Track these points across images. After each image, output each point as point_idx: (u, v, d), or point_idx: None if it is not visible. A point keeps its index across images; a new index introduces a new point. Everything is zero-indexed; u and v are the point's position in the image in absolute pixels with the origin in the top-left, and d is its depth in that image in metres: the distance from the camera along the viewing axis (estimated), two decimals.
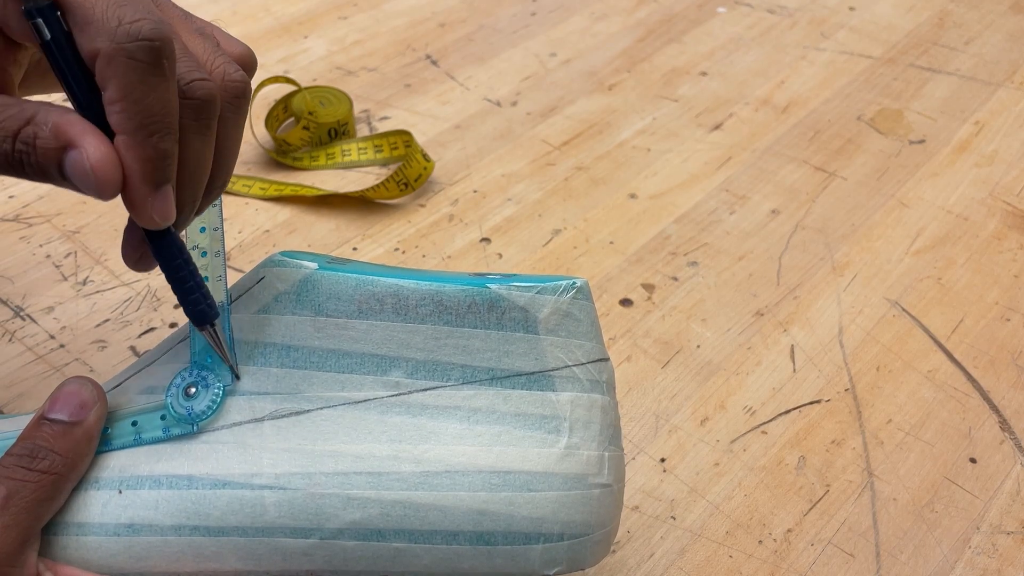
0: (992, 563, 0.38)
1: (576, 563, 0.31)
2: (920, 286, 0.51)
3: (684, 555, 0.38)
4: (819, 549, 0.39)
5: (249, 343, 0.31)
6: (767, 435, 0.43)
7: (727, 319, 0.49)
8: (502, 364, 0.31)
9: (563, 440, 0.30)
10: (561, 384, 0.31)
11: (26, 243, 0.53)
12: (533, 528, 0.29)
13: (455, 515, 0.29)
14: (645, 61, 0.71)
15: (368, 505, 0.29)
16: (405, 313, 0.30)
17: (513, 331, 0.30)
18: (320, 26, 0.75)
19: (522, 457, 0.30)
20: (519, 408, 0.30)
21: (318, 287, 0.30)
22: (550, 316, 0.31)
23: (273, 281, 0.31)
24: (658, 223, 0.55)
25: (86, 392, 0.30)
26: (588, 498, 0.30)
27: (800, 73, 0.70)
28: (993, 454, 0.43)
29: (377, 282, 0.30)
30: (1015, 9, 0.79)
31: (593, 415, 0.31)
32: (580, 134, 0.63)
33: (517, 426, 0.30)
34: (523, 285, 0.31)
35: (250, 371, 0.31)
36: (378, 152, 0.59)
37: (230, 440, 0.30)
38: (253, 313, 0.31)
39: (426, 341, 0.30)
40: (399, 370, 0.30)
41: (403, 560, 0.30)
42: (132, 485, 0.29)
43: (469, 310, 0.30)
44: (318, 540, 0.29)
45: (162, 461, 0.30)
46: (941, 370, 0.47)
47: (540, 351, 0.31)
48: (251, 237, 0.54)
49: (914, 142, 0.63)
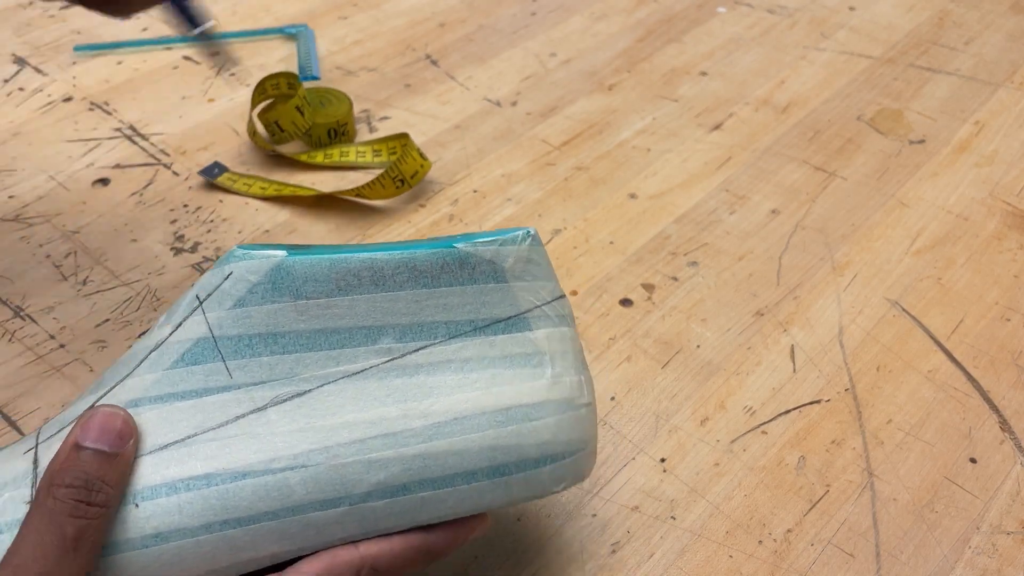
0: (992, 563, 0.38)
1: (578, 476, 0.34)
2: (920, 286, 0.51)
3: (684, 555, 0.38)
4: (819, 549, 0.39)
5: (232, 338, 0.31)
6: (767, 435, 0.43)
7: (727, 319, 0.49)
8: (481, 314, 0.33)
9: (548, 371, 0.33)
10: (535, 323, 0.33)
11: (26, 243, 0.53)
12: (540, 452, 0.32)
13: (470, 456, 0.31)
14: (645, 61, 0.71)
15: (389, 464, 0.31)
16: (383, 283, 0.32)
17: (485, 283, 0.33)
18: (320, 26, 0.75)
19: (517, 393, 0.32)
20: (504, 351, 0.33)
21: (292, 272, 0.31)
22: (515, 264, 0.33)
23: (243, 274, 0.31)
24: (658, 223, 0.55)
25: (121, 422, 0.29)
26: (578, 417, 0.33)
27: (800, 73, 0.70)
28: (993, 454, 0.43)
29: (351, 258, 0.31)
30: (1015, 9, 0.79)
31: (566, 345, 0.34)
32: (580, 134, 0.63)
33: (506, 367, 0.33)
34: (486, 240, 0.33)
35: (240, 364, 0.31)
36: (376, 156, 0.59)
37: (238, 433, 0.30)
38: (229, 309, 0.31)
39: (408, 306, 0.32)
40: (388, 337, 0.32)
41: (429, 508, 0.31)
42: (147, 496, 0.29)
43: (443, 270, 0.32)
44: (348, 507, 0.30)
45: (172, 467, 0.30)
46: (941, 370, 0.47)
47: (512, 297, 0.33)
48: (251, 237, 0.54)
49: (914, 142, 0.63)
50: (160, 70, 0.69)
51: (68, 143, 0.61)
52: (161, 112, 0.64)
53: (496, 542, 0.39)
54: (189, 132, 0.62)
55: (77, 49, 0.70)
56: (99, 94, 0.66)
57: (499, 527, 0.39)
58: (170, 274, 0.51)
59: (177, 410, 0.31)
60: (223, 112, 0.64)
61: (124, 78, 0.68)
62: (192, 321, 0.31)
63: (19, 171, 0.58)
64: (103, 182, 0.57)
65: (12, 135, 0.61)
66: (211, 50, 0.37)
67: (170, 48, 0.72)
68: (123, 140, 0.61)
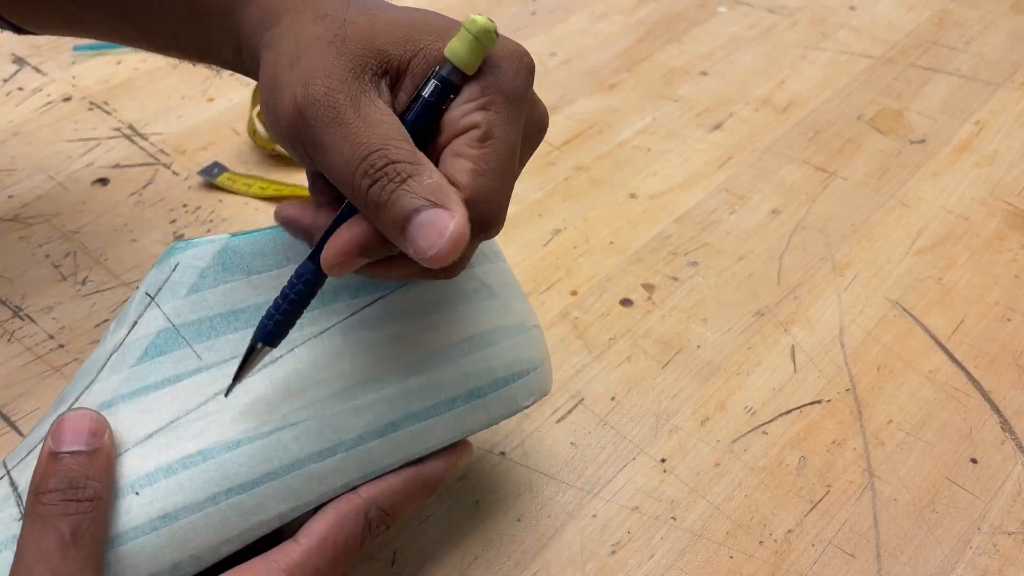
0: (993, 563, 0.38)
1: (543, 389, 0.37)
2: (921, 286, 0.51)
3: (684, 556, 0.38)
4: (820, 549, 0.39)
5: (193, 323, 0.32)
6: (767, 435, 0.43)
7: (727, 319, 0.49)
8: None
9: (497, 301, 0.35)
10: (474, 262, 0.35)
11: (25, 243, 0.53)
12: (507, 371, 0.35)
13: (448, 384, 0.33)
14: (645, 61, 0.71)
15: (374, 405, 0.32)
16: None
17: None
18: None
19: (476, 323, 0.34)
20: (453, 290, 0.35)
21: (240, 251, 0.32)
22: None
23: (190, 262, 0.32)
24: (658, 223, 0.55)
25: (90, 420, 0.30)
26: (532, 337, 0.36)
27: (800, 73, 0.70)
28: (994, 454, 0.43)
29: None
30: (1015, 9, 0.79)
31: (506, 278, 0.36)
32: (580, 134, 0.63)
33: (459, 303, 0.35)
34: None
35: (207, 345, 0.32)
36: None
37: (220, 408, 0.31)
38: (184, 297, 0.32)
39: None
40: (343, 296, 0.33)
41: (420, 440, 0.33)
42: (145, 483, 0.30)
43: None
44: (344, 453, 0.31)
45: (163, 452, 0.30)
46: (942, 370, 0.46)
47: None
48: None
49: (914, 142, 0.63)
50: (160, 70, 0.69)
51: (67, 143, 0.61)
52: (161, 112, 0.64)
53: (496, 542, 0.39)
54: (189, 132, 0.62)
55: (77, 49, 0.70)
56: (99, 94, 0.66)
57: (499, 527, 0.39)
58: None
59: (153, 400, 0.31)
60: (223, 112, 0.64)
61: (124, 78, 0.68)
62: (147, 317, 0.32)
63: (19, 171, 0.58)
64: (103, 182, 0.57)
65: (12, 135, 0.61)
66: None
67: None
68: (123, 140, 0.61)
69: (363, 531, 0.31)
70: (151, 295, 0.32)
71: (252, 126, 0.60)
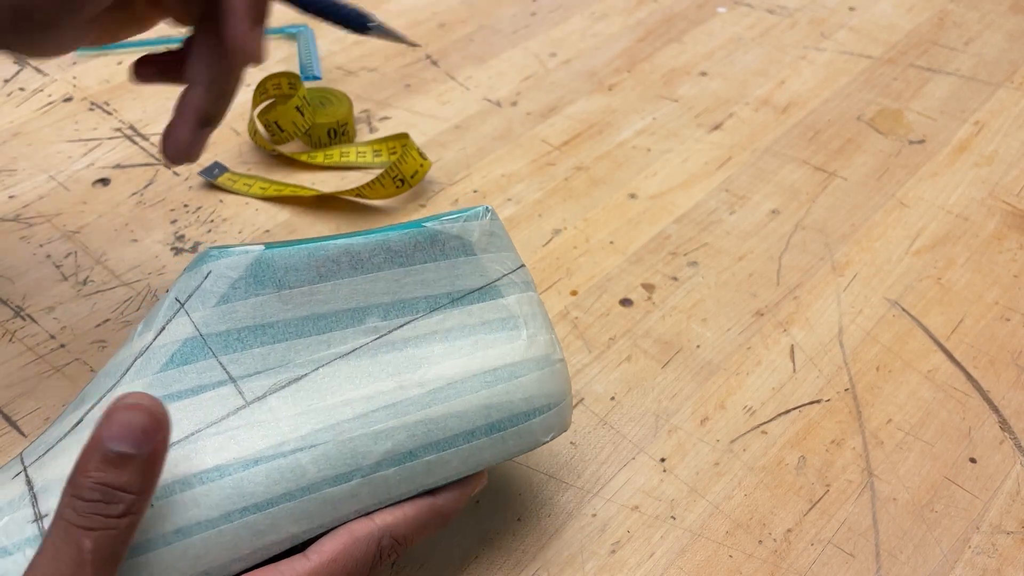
0: (992, 563, 0.38)
1: (562, 426, 0.36)
2: (920, 286, 0.51)
3: (684, 555, 0.38)
4: (819, 549, 0.39)
5: (221, 334, 0.32)
6: (767, 435, 0.43)
7: (727, 319, 0.49)
8: (456, 287, 0.35)
9: (524, 332, 0.35)
10: (505, 290, 0.35)
11: (26, 243, 0.53)
12: (528, 406, 0.34)
13: (468, 416, 0.33)
14: (645, 61, 0.71)
15: (394, 433, 0.32)
16: (361, 266, 0.33)
17: (457, 257, 0.35)
18: (320, 26, 0.75)
19: (501, 354, 0.34)
20: (482, 318, 0.35)
21: (273, 264, 0.32)
22: (480, 237, 0.35)
23: (223, 271, 0.32)
24: (658, 223, 0.55)
25: (147, 416, 0.27)
26: (555, 372, 0.35)
27: (800, 73, 0.70)
28: (993, 454, 0.43)
29: (328, 246, 0.33)
30: (1015, 9, 0.79)
31: (535, 308, 0.36)
32: (580, 134, 0.63)
33: (486, 332, 0.35)
34: (451, 218, 0.35)
35: (233, 358, 0.32)
36: (376, 156, 0.59)
37: (241, 423, 0.31)
38: (214, 306, 0.32)
39: (388, 285, 0.34)
40: (373, 316, 0.33)
41: (436, 470, 0.33)
42: (161, 495, 0.29)
43: (416, 249, 0.34)
44: (360, 479, 0.31)
45: (180, 464, 0.30)
46: (941, 370, 0.47)
47: (482, 268, 0.35)
48: (251, 237, 0.54)
49: (914, 142, 0.63)
50: None
51: (68, 143, 0.61)
52: (161, 112, 0.64)
53: (496, 542, 0.39)
54: None
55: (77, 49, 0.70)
56: (99, 94, 0.66)
57: (499, 527, 0.39)
58: (170, 274, 0.51)
59: (175, 410, 0.31)
60: None
61: (124, 78, 0.68)
62: (175, 324, 0.32)
63: (19, 171, 0.58)
64: (103, 182, 0.57)
65: (12, 135, 0.61)
66: (389, 39, 0.42)
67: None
68: (123, 140, 0.61)
69: (373, 558, 0.31)
70: (180, 301, 0.32)
71: (252, 126, 0.60)
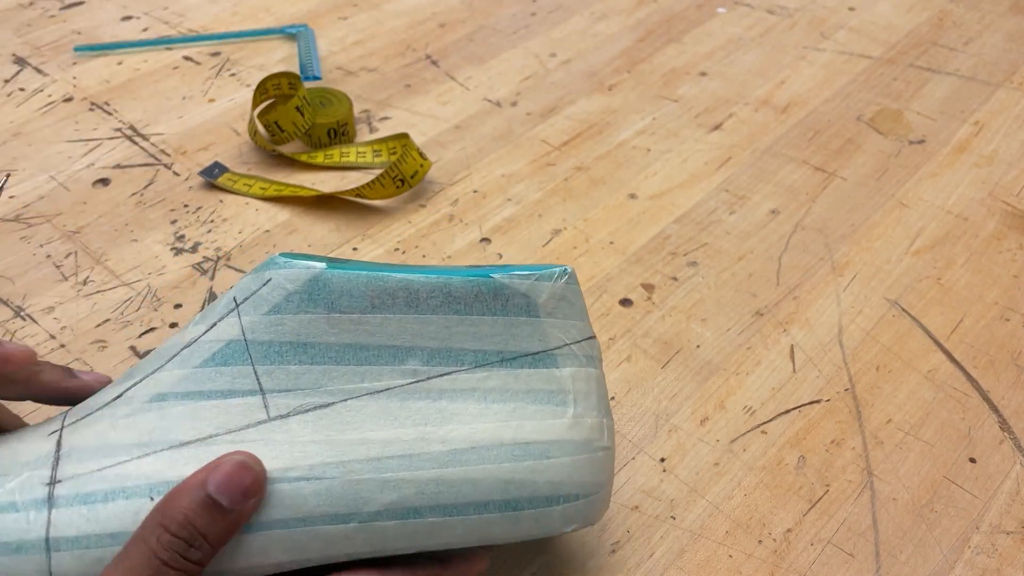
0: (992, 563, 0.38)
1: (589, 519, 0.33)
2: (920, 286, 0.51)
3: (684, 555, 0.38)
4: (819, 549, 0.39)
5: (264, 343, 0.31)
6: (767, 435, 0.43)
7: (727, 319, 0.49)
8: (509, 347, 0.33)
9: (570, 411, 0.33)
10: (562, 361, 0.33)
11: (26, 243, 0.53)
12: (553, 491, 0.32)
13: (484, 487, 0.31)
14: (645, 61, 0.71)
15: (403, 486, 0.31)
16: (416, 305, 0.32)
17: (517, 316, 0.33)
18: (320, 26, 0.75)
19: (537, 429, 0.32)
20: (529, 385, 0.33)
21: (329, 285, 0.31)
22: (548, 300, 0.33)
23: (281, 282, 0.31)
24: (658, 223, 0.55)
25: (251, 479, 0.29)
26: (595, 460, 0.33)
27: (800, 73, 0.70)
28: (993, 454, 0.43)
29: (388, 278, 0.31)
30: (1015, 9, 0.79)
31: (591, 387, 0.34)
32: (580, 134, 0.63)
33: (529, 401, 0.32)
34: (522, 274, 0.33)
35: (268, 370, 0.31)
36: (376, 156, 0.59)
37: (258, 438, 0.31)
38: (264, 314, 0.31)
39: (438, 330, 0.32)
40: (415, 359, 0.32)
41: (438, 534, 0.31)
42: (162, 491, 0.29)
43: (476, 299, 0.32)
44: (358, 524, 0.30)
45: (191, 464, 0.30)
46: (941, 370, 0.47)
47: (543, 332, 0.33)
48: (251, 237, 0.54)
49: (914, 142, 0.63)
50: (160, 70, 0.69)
51: (68, 143, 0.61)
52: (161, 112, 0.64)
53: None
54: (189, 132, 0.62)
55: (77, 49, 0.70)
56: (99, 94, 0.66)
57: None
58: (170, 274, 0.51)
59: (202, 408, 0.31)
60: (223, 112, 0.64)
61: (124, 78, 0.68)
62: (226, 322, 0.31)
63: (20, 171, 0.58)
64: (103, 182, 0.57)
65: (12, 135, 0.61)
66: None
67: (170, 48, 0.72)
68: (123, 140, 0.61)
69: None
70: (237, 302, 0.32)
71: (253, 126, 0.60)
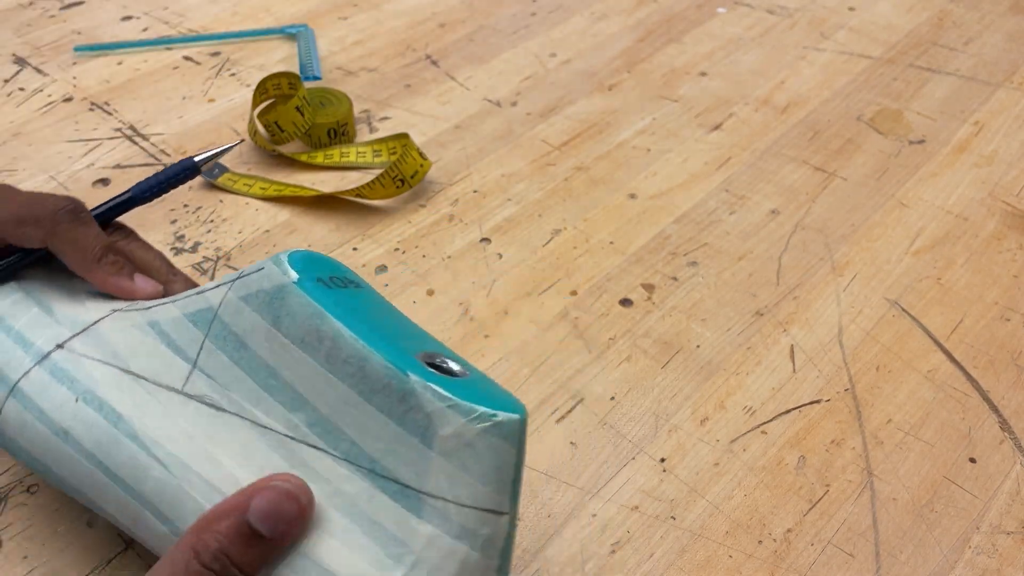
0: (992, 563, 0.38)
1: None
2: (920, 286, 0.51)
3: (684, 555, 0.38)
4: (819, 549, 0.39)
5: (224, 324, 0.31)
6: (767, 435, 0.43)
7: (727, 319, 0.49)
8: (385, 461, 0.28)
9: (398, 573, 0.27)
10: (428, 514, 0.27)
11: None
12: None
13: None
14: (645, 61, 0.71)
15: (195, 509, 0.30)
16: (332, 364, 0.29)
17: (411, 434, 0.28)
18: (320, 26, 0.75)
19: (349, 567, 0.27)
20: (377, 514, 0.28)
21: (286, 300, 0.30)
22: (449, 437, 0.27)
23: (267, 274, 0.30)
24: (658, 223, 0.55)
25: (296, 509, 0.28)
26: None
27: (800, 73, 0.70)
28: (993, 454, 0.43)
29: (326, 320, 0.29)
30: (1015, 9, 0.79)
31: (447, 565, 0.27)
32: (580, 134, 0.63)
33: (366, 532, 0.28)
34: (442, 391, 0.27)
35: (210, 349, 0.31)
36: (376, 156, 0.59)
37: (162, 400, 0.32)
38: (239, 297, 0.31)
39: (336, 399, 0.29)
40: (303, 414, 0.30)
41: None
42: (87, 400, 0.32)
43: (383, 391, 0.28)
44: (168, 529, 0.30)
45: (111, 389, 0.32)
46: (941, 370, 0.47)
47: (425, 468, 0.28)
48: (251, 237, 0.54)
49: (914, 142, 0.63)
50: (160, 70, 0.69)
51: (68, 143, 0.61)
52: (161, 112, 0.64)
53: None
54: (189, 132, 0.62)
55: (77, 49, 0.70)
56: (99, 94, 0.66)
57: None
58: None
59: (156, 349, 0.33)
60: (223, 112, 0.64)
61: (124, 78, 0.68)
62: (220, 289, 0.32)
63: (20, 171, 0.58)
64: (103, 182, 0.57)
65: (12, 135, 0.61)
66: (219, 156, 0.45)
67: (170, 48, 0.72)
68: (123, 140, 0.61)
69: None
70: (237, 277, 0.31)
71: (252, 126, 0.60)
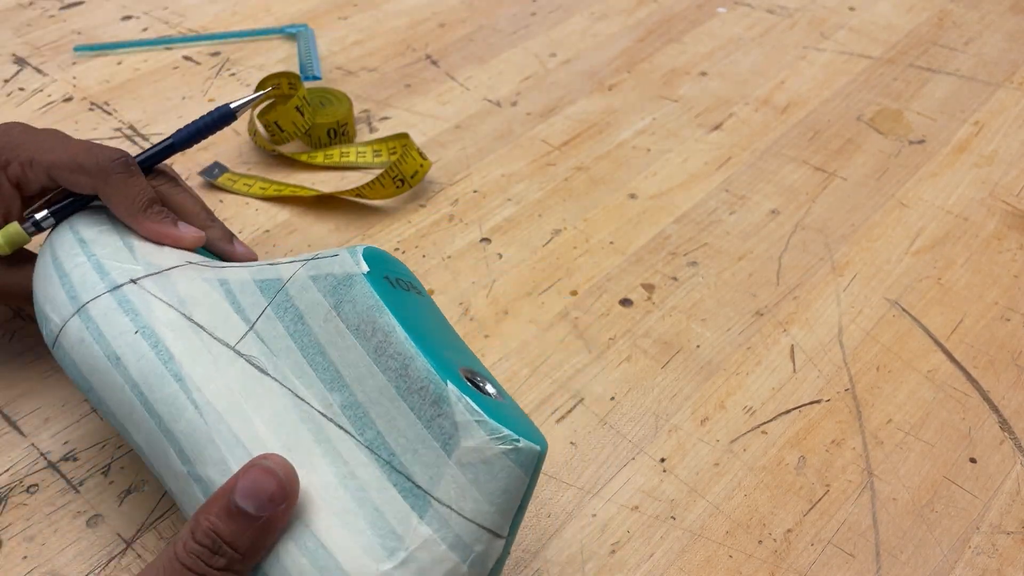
0: (992, 563, 0.38)
1: None
2: (920, 286, 0.51)
3: (684, 555, 0.38)
4: (819, 549, 0.39)
5: (288, 296, 0.33)
6: (767, 435, 0.43)
7: (727, 319, 0.49)
8: (404, 457, 0.29)
9: (387, 566, 0.28)
10: (431, 518, 0.28)
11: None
12: None
13: None
14: (645, 61, 0.71)
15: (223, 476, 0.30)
16: (379, 356, 0.31)
17: (435, 439, 0.29)
18: (320, 26, 0.75)
19: (344, 548, 0.28)
20: (383, 505, 0.29)
21: (351, 288, 0.32)
22: (470, 450, 0.28)
23: (340, 261, 0.33)
24: (658, 223, 0.55)
25: (276, 484, 0.28)
26: None
27: (800, 73, 0.70)
28: (993, 454, 0.43)
29: (384, 314, 0.31)
30: (1015, 9, 0.79)
31: (434, 571, 0.28)
32: (580, 134, 0.63)
33: (368, 519, 0.29)
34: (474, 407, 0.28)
35: (269, 317, 0.33)
36: (376, 156, 0.59)
37: (214, 353, 0.33)
38: (308, 276, 0.33)
39: (374, 389, 0.30)
40: (340, 395, 0.31)
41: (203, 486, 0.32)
42: (146, 337, 0.33)
43: (419, 392, 0.29)
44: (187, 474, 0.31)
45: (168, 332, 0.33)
46: (941, 370, 0.47)
47: (439, 473, 0.28)
48: (251, 237, 0.54)
49: (914, 142, 0.63)
50: (160, 70, 0.69)
51: None
52: (161, 112, 0.64)
53: None
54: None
55: (77, 49, 0.70)
56: (99, 94, 0.66)
57: None
58: None
59: (218, 305, 0.34)
60: None
61: (124, 78, 0.68)
62: (293, 264, 0.34)
63: None
64: None
65: None
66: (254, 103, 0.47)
67: (170, 48, 0.72)
68: (123, 140, 0.61)
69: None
70: (311, 258, 0.34)
71: (252, 126, 0.60)
